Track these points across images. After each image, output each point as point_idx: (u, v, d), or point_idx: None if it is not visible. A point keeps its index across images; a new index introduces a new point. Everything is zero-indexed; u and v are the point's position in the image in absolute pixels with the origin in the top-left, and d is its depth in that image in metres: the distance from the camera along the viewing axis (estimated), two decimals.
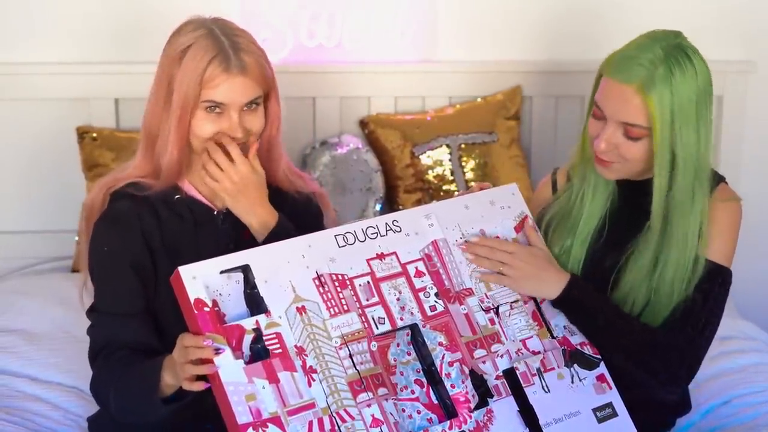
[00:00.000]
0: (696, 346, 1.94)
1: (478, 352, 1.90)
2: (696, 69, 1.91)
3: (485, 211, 2.03)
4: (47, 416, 2.40)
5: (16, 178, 3.24)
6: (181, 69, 1.95)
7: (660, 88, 1.87)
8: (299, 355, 1.76)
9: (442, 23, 3.26)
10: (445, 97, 3.29)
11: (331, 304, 1.83)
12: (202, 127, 1.97)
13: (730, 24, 3.35)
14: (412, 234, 1.96)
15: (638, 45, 1.92)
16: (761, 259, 3.51)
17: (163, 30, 3.16)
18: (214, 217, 2.05)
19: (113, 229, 2.00)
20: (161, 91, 1.99)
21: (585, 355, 1.96)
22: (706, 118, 1.93)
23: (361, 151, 3.18)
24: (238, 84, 1.95)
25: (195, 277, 1.75)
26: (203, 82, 1.94)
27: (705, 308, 1.94)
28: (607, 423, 1.91)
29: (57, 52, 3.17)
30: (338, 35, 3.22)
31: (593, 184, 2.04)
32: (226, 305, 1.77)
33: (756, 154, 3.43)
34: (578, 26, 3.27)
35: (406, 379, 1.83)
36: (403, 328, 1.87)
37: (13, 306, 2.85)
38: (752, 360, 2.63)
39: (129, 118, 3.19)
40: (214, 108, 1.96)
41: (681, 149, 1.90)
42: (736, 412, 2.40)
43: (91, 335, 2.02)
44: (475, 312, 1.93)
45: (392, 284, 1.90)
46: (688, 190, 1.93)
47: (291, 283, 1.81)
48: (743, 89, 3.35)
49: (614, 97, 1.91)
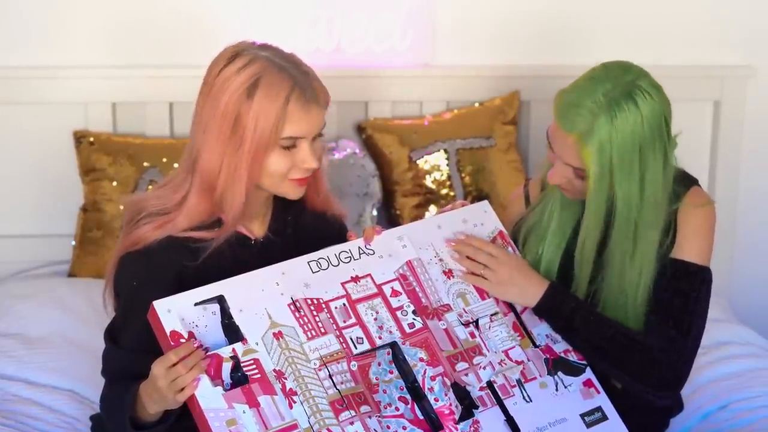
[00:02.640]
0: (681, 347, 1.92)
1: (459, 365, 1.90)
2: (642, 112, 1.85)
3: (458, 229, 2.04)
4: (43, 419, 2.40)
5: (13, 181, 3.23)
6: (254, 106, 1.84)
7: (599, 138, 1.84)
8: (278, 378, 1.77)
9: (440, 28, 3.26)
10: (443, 102, 3.29)
11: (307, 328, 1.84)
12: (278, 164, 1.88)
13: (729, 29, 3.35)
14: (386, 256, 1.97)
15: (582, 89, 1.89)
16: (759, 265, 3.51)
17: (160, 35, 3.19)
18: (251, 245, 1.99)
19: (144, 264, 1.91)
20: (225, 130, 1.86)
21: (569, 362, 1.96)
22: (655, 162, 1.89)
23: (359, 155, 3.18)
24: (315, 115, 1.88)
25: (170, 310, 1.77)
26: (285, 119, 1.85)
27: (687, 309, 1.93)
28: (596, 427, 1.91)
29: (54, 56, 3.17)
30: (336, 40, 3.22)
31: (561, 195, 2.04)
32: (203, 336, 1.77)
33: (755, 158, 3.42)
34: (576, 31, 3.26)
35: (389, 396, 1.83)
36: (383, 346, 1.87)
37: (9, 310, 2.85)
38: (749, 365, 2.63)
39: (126, 122, 3.19)
40: (292, 144, 1.88)
41: (620, 197, 1.89)
42: (733, 416, 2.40)
43: (106, 358, 1.97)
44: (455, 327, 1.94)
45: (369, 305, 1.91)
46: (625, 233, 1.92)
47: (266, 310, 1.83)
48: (742, 94, 3.35)
49: (558, 141, 1.92)
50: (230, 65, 1.88)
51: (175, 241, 1.91)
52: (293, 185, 1.93)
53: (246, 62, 1.87)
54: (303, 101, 1.86)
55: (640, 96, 1.86)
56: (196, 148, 1.91)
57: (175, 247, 1.90)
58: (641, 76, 1.90)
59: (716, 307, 3.01)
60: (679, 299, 1.93)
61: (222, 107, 1.86)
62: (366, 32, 3.23)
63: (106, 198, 3.08)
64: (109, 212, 3.07)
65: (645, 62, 2.00)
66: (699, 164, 3.42)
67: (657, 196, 1.91)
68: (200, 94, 1.93)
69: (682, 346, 1.92)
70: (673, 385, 1.92)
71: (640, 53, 3.34)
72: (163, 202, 1.94)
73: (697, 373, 2.59)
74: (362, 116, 3.26)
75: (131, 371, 1.88)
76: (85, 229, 3.09)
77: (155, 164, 3.07)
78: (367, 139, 3.22)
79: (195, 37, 3.17)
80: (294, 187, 1.93)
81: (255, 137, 1.85)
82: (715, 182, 3.40)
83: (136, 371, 1.85)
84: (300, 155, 1.89)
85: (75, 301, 2.87)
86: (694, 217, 1.97)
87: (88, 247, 3.08)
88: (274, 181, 1.91)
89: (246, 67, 1.86)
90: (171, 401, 1.76)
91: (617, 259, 1.95)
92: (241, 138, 1.85)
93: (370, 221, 3.14)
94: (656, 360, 1.89)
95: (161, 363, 1.74)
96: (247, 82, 1.85)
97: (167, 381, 1.73)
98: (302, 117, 1.86)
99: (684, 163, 3.61)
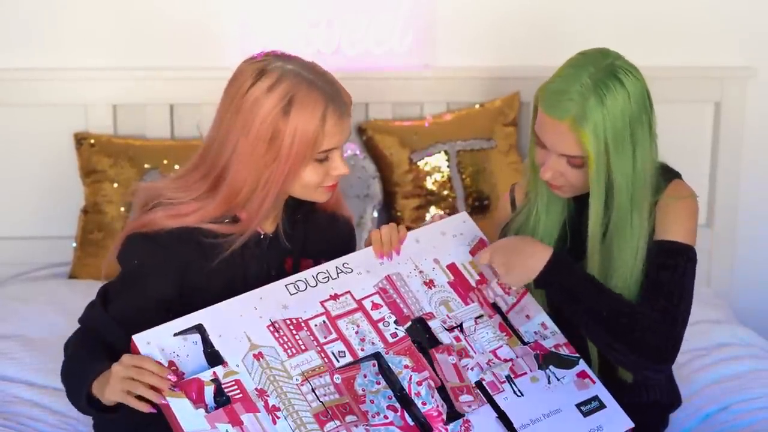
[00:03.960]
0: (674, 316, 1.92)
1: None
2: (628, 90, 1.90)
3: (437, 242, 2.05)
4: (44, 421, 2.40)
5: (13, 183, 3.24)
6: (290, 124, 1.86)
7: (593, 119, 1.87)
8: (260, 396, 1.78)
9: (440, 30, 3.26)
10: (444, 104, 3.29)
11: (287, 346, 1.85)
12: (313, 176, 1.92)
13: (730, 30, 3.35)
14: (364, 272, 1.98)
15: (566, 76, 1.92)
16: (760, 266, 3.51)
17: (161, 37, 3.20)
18: (260, 240, 2.01)
19: (149, 248, 1.94)
20: (260, 149, 1.87)
21: (561, 356, 1.96)
22: (643, 136, 1.93)
23: (359, 157, 3.18)
24: (347, 126, 1.93)
25: (149, 343, 1.79)
26: (323, 135, 1.88)
27: (675, 281, 1.94)
28: (594, 415, 1.90)
29: (55, 59, 3.17)
30: (336, 42, 3.22)
31: (547, 197, 2.05)
32: (184, 365, 1.79)
33: (756, 159, 3.42)
34: (576, 33, 3.26)
35: (377, 406, 1.83)
36: (366, 358, 1.88)
37: (10, 312, 2.85)
38: (750, 366, 2.62)
39: (127, 124, 3.20)
40: (325, 157, 1.92)
41: (617, 174, 1.91)
42: (733, 417, 2.40)
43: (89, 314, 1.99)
44: (439, 333, 1.94)
45: (349, 320, 1.92)
46: (626, 210, 1.94)
47: (245, 333, 1.84)
48: (743, 95, 3.35)
49: (550, 132, 1.93)
50: (259, 83, 1.89)
51: (186, 234, 1.93)
52: (324, 191, 1.98)
53: (275, 80, 1.88)
54: (338, 116, 1.89)
55: (623, 74, 1.91)
56: (221, 164, 1.92)
57: (184, 239, 1.93)
58: (618, 58, 1.95)
59: (717, 308, 3.02)
60: (666, 273, 1.94)
61: (257, 127, 1.88)
62: (366, 34, 3.23)
63: (106, 200, 3.08)
64: (110, 214, 3.07)
65: (646, 63, 2.00)
66: (699, 165, 3.43)
67: (647, 169, 1.94)
68: (226, 111, 1.92)
69: (674, 315, 1.92)
70: (668, 355, 1.91)
71: (640, 54, 3.34)
72: (179, 196, 1.96)
73: (698, 374, 2.59)
74: (363, 118, 3.27)
75: (105, 338, 1.92)
76: (85, 231, 3.09)
77: (156, 166, 3.08)
78: (368, 140, 3.22)
79: (196, 40, 3.17)
80: (325, 193, 1.98)
81: (292, 153, 1.88)
82: (715, 183, 3.40)
83: (109, 341, 1.91)
84: (333, 164, 1.94)
85: (76, 302, 2.83)
86: (675, 207, 1.99)
87: (89, 249, 3.08)
88: (307, 191, 1.95)
89: (277, 86, 1.88)
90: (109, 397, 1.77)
91: (618, 239, 1.96)
92: (277, 153, 1.88)
93: (371, 223, 3.14)
94: (653, 329, 1.89)
95: (122, 364, 1.76)
96: (282, 101, 1.87)
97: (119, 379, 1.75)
98: (338, 131, 1.90)
99: (684, 164, 3.61)
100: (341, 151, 1.95)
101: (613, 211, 1.95)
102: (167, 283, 1.94)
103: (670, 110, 3.39)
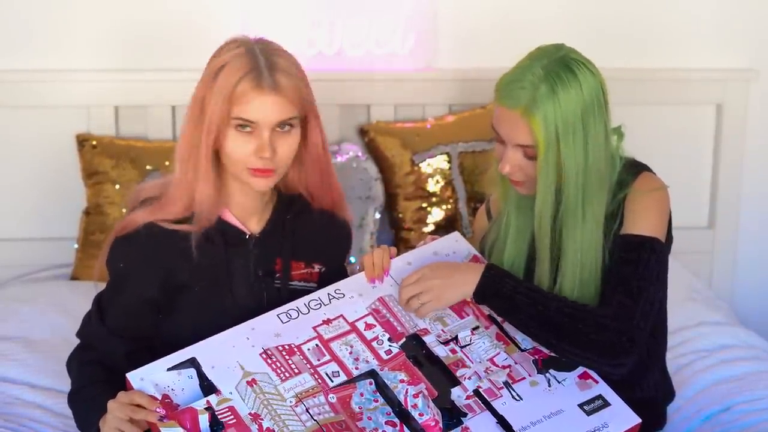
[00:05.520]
0: (631, 312, 1.91)
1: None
2: (580, 81, 1.91)
3: (429, 262, 2.04)
4: (45, 423, 2.40)
5: (15, 185, 3.24)
6: (214, 87, 1.89)
7: (543, 107, 1.89)
8: (254, 420, 1.79)
9: (442, 31, 3.26)
10: (445, 105, 3.29)
11: (281, 371, 1.86)
12: (234, 147, 1.90)
13: (732, 32, 3.36)
14: (356, 296, 1.99)
15: (521, 67, 1.95)
16: (762, 268, 3.51)
17: (162, 39, 3.20)
18: (246, 240, 2.02)
19: (132, 253, 1.97)
20: (195, 112, 1.93)
21: (560, 359, 1.95)
22: (596, 129, 1.93)
23: (361, 159, 3.18)
24: (269, 102, 1.88)
25: (143, 379, 1.82)
26: (233, 98, 1.87)
27: (636, 275, 1.93)
28: (598, 414, 1.90)
29: (57, 60, 3.17)
30: (338, 43, 3.22)
31: (515, 200, 2.06)
32: (179, 398, 1.81)
33: (758, 161, 3.43)
34: (576, 35, 3.25)
35: (375, 422, 1.83)
36: (361, 376, 1.88)
37: (11, 313, 2.85)
38: (752, 368, 2.63)
39: (129, 125, 3.20)
40: (245, 126, 1.89)
41: (568, 165, 1.92)
42: (735, 419, 2.40)
43: (86, 327, 2.03)
44: (434, 347, 1.94)
45: (343, 341, 1.93)
46: (576, 203, 1.95)
47: (238, 362, 1.86)
48: (745, 97, 3.35)
49: (504, 123, 1.95)
50: (216, 54, 1.95)
51: (159, 230, 1.95)
52: (251, 175, 1.93)
53: (229, 50, 1.93)
54: (254, 84, 1.88)
55: (576, 65, 1.93)
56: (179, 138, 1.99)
57: (163, 238, 1.95)
58: (573, 51, 1.97)
59: (719, 310, 3.02)
60: (627, 267, 1.94)
61: (195, 93, 1.94)
62: (368, 36, 3.23)
63: (108, 201, 3.08)
64: (112, 215, 3.07)
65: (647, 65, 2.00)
66: (701, 167, 3.43)
67: (599, 163, 1.94)
68: None
69: (631, 310, 1.91)
70: (625, 349, 1.90)
71: (642, 56, 3.36)
72: (155, 191, 2.01)
73: (700, 375, 2.59)
74: (364, 119, 3.27)
75: (104, 355, 1.97)
76: (87, 233, 3.09)
77: (158, 167, 3.08)
78: (370, 142, 3.22)
79: (197, 41, 3.15)
80: (253, 177, 1.93)
81: (209, 113, 1.89)
82: (717, 185, 3.40)
83: (108, 351, 1.97)
84: (259, 143, 1.90)
85: (77, 304, 2.85)
86: (642, 200, 1.99)
87: (91, 251, 3.08)
88: (237, 169, 1.93)
89: (224, 54, 1.92)
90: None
91: (570, 229, 1.96)
92: (203, 114, 1.91)
93: (373, 224, 3.14)
94: (605, 325, 1.89)
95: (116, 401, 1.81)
96: (217, 66, 1.91)
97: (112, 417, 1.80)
98: (251, 100, 1.88)
99: (687, 165, 3.62)
100: (272, 133, 1.90)
101: (563, 199, 1.95)
102: (149, 283, 1.96)
103: (672, 112, 3.41)
